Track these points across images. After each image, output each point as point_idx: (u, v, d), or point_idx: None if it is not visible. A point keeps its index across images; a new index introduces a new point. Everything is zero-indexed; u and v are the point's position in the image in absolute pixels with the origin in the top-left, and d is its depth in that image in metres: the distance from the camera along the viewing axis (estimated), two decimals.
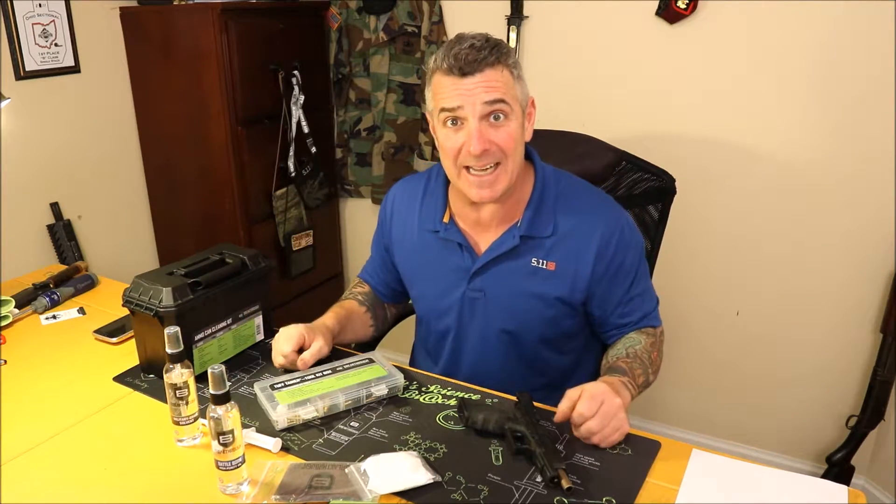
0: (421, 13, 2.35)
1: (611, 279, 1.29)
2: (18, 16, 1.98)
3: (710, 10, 1.95)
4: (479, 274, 1.31)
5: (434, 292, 1.38)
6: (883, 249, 1.91)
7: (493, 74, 1.16)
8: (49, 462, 1.11)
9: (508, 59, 1.18)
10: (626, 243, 1.28)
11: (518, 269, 1.29)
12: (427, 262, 1.37)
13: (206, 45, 2.16)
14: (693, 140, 2.08)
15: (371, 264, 1.53)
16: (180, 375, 1.10)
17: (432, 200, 1.36)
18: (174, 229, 2.52)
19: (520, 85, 1.21)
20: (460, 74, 1.15)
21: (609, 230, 1.26)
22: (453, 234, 1.32)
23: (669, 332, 1.95)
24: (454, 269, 1.33)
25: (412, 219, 1.39)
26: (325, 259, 2.72)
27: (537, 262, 1.28)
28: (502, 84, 1.16)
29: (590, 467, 1.05)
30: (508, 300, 1.31)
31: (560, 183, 1.31)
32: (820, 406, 2.12)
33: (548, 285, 1.28)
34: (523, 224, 1.27)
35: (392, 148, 2.55)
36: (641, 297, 1.32)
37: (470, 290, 1.32)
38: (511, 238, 1.28)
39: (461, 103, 1.16)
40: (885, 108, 1.81)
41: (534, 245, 1.28)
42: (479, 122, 1.16)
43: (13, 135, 2.03)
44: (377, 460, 1.04)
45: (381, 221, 1.47)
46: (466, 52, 1.14)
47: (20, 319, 1.61)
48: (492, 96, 1.15)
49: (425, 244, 1.36)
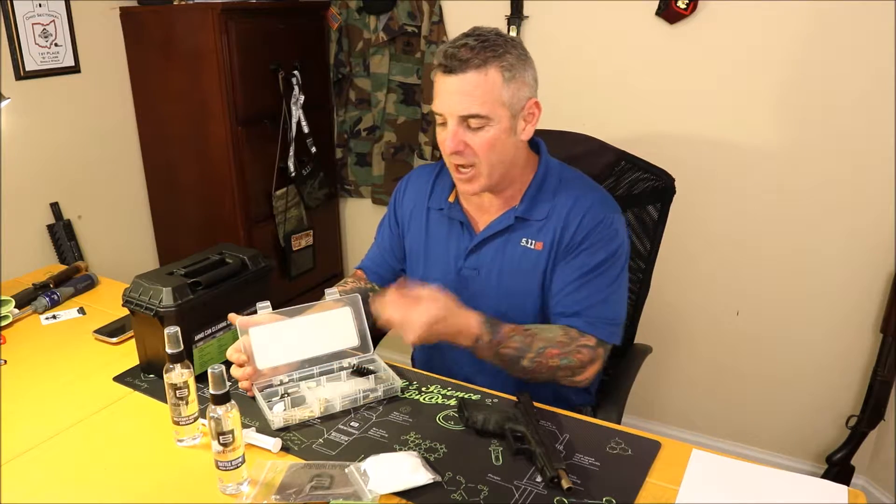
0: (421, 13, 2.35)
1: (571, 256, 1.27)
2: (18, 16, 1.98)
3: (710, 10, 1.95)
4: (474, 251, 1.35)
5: (436, 269, 1.41)
6: (883, 250, 1.91)
7: (475, 79, 1.18)
8: (49, 462, 1.11)
9: (503, 61, 1.19)
10: (601, 236, 1.26)
11: (509, 248, 1.32)
12: (432, 238, 1.42)
13: (206, 45, 2.16)
14: (693, 140, 2.08)
15: (372, 251, 1.55)
16: (180, 375, 1.10)
17: (442, 182, 1.42)
18: (174, 229, 2.52)
19: (513, 86, 1.21)
20: (446, 72, 1.20)
21: (592, 214, 1.27)
22: (456, 213, 1.37)
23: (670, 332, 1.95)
24: (455, 246, 1.38)
25: (423, 197, 1.44)
26: (325, 259, 2.73)
27: (526, 241, 1.31)
28: (483, 91, 1.18)
29: (590, 467, 1.05)
30: (499, 279, 1.33)
31: (563, 174, 1.34)
32: (820, 406, 2.12)
33: (534, 264, 1.30)
34: (521, 207, 1.31)
35: (392, 148, 2.55)
36: (589, 294, 1.26)
37: (466, 267, 1.36)
38: (507, 218, 1.32)
39: (442, 108, 1.23)
40: (886, 108, 1.80)
41: (526, 226, 1.31)
42: (456, 126, 1.22)
43: (13, 135, 2.03)
44: (377, 460, 1.04)
45: (393, 198, 1.50)
46: (457, 50, 1.18)
47: (20, 319, 1.61)
48: (466, 110, 1.20)
49: (432, 222, 1.42)
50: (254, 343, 1.22)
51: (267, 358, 1.23)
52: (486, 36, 1.20)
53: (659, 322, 2.18)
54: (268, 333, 1.24)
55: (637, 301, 1.62)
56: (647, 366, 1.63)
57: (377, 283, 1.51)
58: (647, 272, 1.60)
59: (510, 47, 1.21)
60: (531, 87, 1.25)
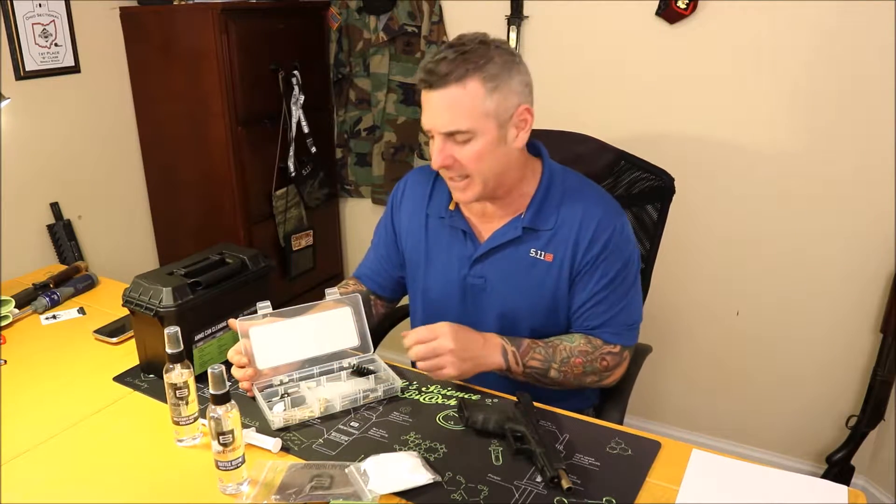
0: (421, 13, 2.35)
1: (589, 272, 1.28)
2: (18, 16, 1.98)
3: (710, 10, 1.95)
4: (480, 261, 1.33)
5: (438, 278, 1.39)
6: (883, 250, 1.91)
7: (455, 94, 1.16)
8: (49, 462, 1.11)
9: (483, 72, 1.16)
10: (615, 246, 1.27)
11: (518, 259, 1.31)
12: (433, 247, 1.39)
13: (206, 45, 2.16)
14: (693, 140, 2.08)
15: (369, 257, 1.53)
16: (180, 375, 1.10)
17: (441, 188, 1.39)
18: (174, 229, 2.52)
19: (497, 96, 1.17)
20: (426, 87, 1.19)
21: (603, 225, 1.26)
22: (458, 222, 1.35)
23: (670, 332, 1.95)
24: (458, 255, 1.36)
25: (421, 203, 1.41)
26: (325, 259, 2.73)
27: (536, 252, 1.29)
28: (464, 106, 1.17)
29: (590, 467, 1.05)
30: (508, 289, 1.32)
31: (567, 181, 1.32)
32: (820, 406, 2.12)
33: (545, 276, 1.30)
34: (527, 216, 1.29)
35: (392, 148, 2.55)
36: (611, 306, 1.28)
37: (471, 275, 1.34)
38: (513, 229, 1.30)
39: (426, 124, 1.23)
40: (886, 108, 1.80)
41: (534, 237, 1.29)
42: (442, 142, 1.21)
43: (13, 135, 2.03)
44: (377, 460, 1.04)
45: (390, 203, 1.48)
46: (435, 65, 1.17)
47: (20, 319, 1.61)
48: (447, 126, 1.19)
49: (432, 230, 1.39)
50: (254, 343, 1.22)
51: (267, 358, 1.23)
52: (466, 46, 1.17)
53: (659, 322, 2.18)
54: (268, 334, 1.24)
55: None
56: (647, 366, 1.63)
57: (377, 291, 1.50)
58: (646, 272, 1.60)
59: (494, 55, 1.17)
60: (520, 93, 1.20)
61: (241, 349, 1.22)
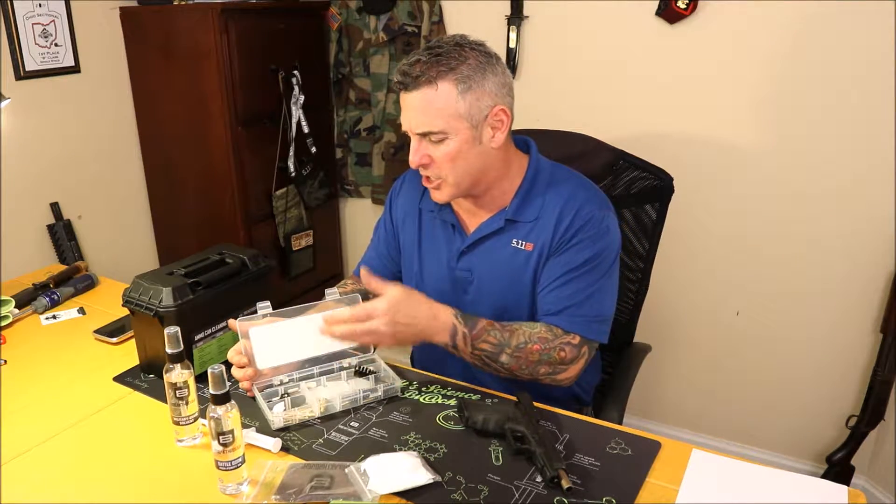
0: (421, 13, 2.35)
1: (557, 253, 1.27)
2: (18, 16, 1.98)
3: (710, 10, 1.95)
4: (465, 253, 1.35)
5: (431, 271, 1.41)
6: (883, 249, 1.91)
7: (427, 95, 1.19)
8: (49, 462, 1.11)
9: (455, 73, 1.17)
10: (591, 233, 1.25)
11: (500, 250, 1.32)
12: (426, 239, 1.42)
13: (206, 45, 2.16)
14: (692, 140, 2.08)
15: (369, 255, 1.54)
16: (180, 375, 1.10)
17: None
18: (174, 229, 2.52)
19: (469, 97, 1.18)
20: (401, 89, 1.22)
21: (584, 213, 1.25)
22: (446, 216, 1.37)
23: (670, 332, 1.95)
24: (448, 248, 1.37)
25: (415, 198, 1.43)
26: (325, 259, 2.73)
27: (517, 242, 1.30)
28: (435, 107, 1.19)
29: (590, 467, 1.05)
30: (491, 280, 1.33)
31: (555, 174, 1.33)
32: (820, 406, 2.12)
33: (524, 265, 1.30)
34: (510, 208, 1.30)
35: (392, 148, 2.55)
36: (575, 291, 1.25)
37: (459, 268, 1.36)
38: (497, 221, 1.31)
39: (404, 125, 1.26)
40: (886, 108, 1.80)
41: (517, 227, 1.31)
42: (418, 142, 1.25)
43: (13, 135, 2.03)
44: (377, 460, 1.04)
45: (388, 200, 1.51)
46: (410, 67, 1.20)
47: (20, 319, 1.61)
48: (420, 127, 1.22)
49: (424, 223, 1.42)
50: (254, 343, 1.22)
51: (267, 358, 1.23)
52: (441, 48, 1.19)
53: (659, 322, 2.18)
54: (268, 334, 1.24)
55: (636, 301, 1.62)
56: (646, 365, 1.63)
57: None
58: (645, 272, 1.60)
59: (469, 57, 1.18)
60: (495, 94, 1.21)
61: (241, 349, 1.22)
